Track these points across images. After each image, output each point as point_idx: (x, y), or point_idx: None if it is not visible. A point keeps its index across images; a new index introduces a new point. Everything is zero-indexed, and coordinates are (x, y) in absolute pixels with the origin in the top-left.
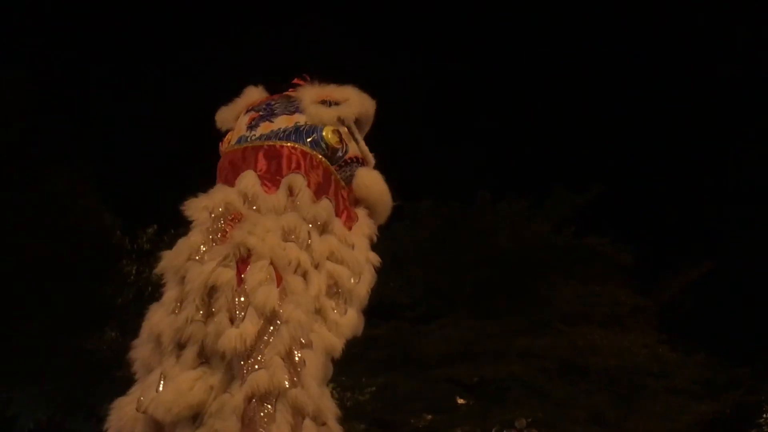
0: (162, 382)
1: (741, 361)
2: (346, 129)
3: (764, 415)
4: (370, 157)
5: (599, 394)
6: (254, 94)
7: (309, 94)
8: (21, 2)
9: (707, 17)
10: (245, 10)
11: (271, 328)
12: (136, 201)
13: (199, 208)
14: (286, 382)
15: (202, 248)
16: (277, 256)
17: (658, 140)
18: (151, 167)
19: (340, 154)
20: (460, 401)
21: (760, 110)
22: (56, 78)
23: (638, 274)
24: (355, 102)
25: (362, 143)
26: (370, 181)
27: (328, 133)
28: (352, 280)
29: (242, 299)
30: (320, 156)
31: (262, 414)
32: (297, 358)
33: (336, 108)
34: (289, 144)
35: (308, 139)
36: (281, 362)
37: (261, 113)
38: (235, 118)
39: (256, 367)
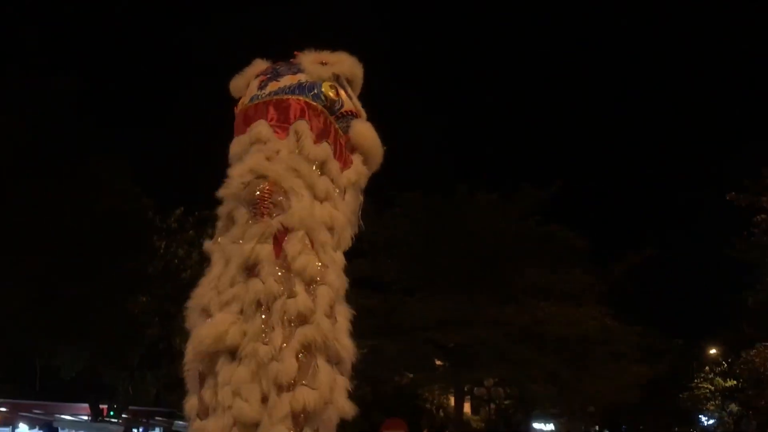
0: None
1: (676, 332)
2: (341, 87)
3: (695, 380)
4: (363, 112)
5: (554, 357)
6: (261, 65)
7: (309, 57)
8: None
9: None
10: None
11: (312, 289)
12: (166, 186)
13: (232, 181)
14: (329, 336)
15: (242, 229)
16: (310, 228)
17: (614, 144)
18: (180, 158)
19: (337, 106)
20: (438, 363)
21: (706, 108)
22: (100, 82)
23: (591, 257)
24: (346, 62)
25: (355, 99)
26: (365, 131)
27: (326, 88)
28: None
29: (284, 268)
30: (320, 106)
31: (308, 364)
32: (335, 317)
33: (331, 65)
34: (294, 97)
35: (310, 93)
36: (326, 319)
37: (268, 76)
38: (246, 85)
39: (304, 322)
